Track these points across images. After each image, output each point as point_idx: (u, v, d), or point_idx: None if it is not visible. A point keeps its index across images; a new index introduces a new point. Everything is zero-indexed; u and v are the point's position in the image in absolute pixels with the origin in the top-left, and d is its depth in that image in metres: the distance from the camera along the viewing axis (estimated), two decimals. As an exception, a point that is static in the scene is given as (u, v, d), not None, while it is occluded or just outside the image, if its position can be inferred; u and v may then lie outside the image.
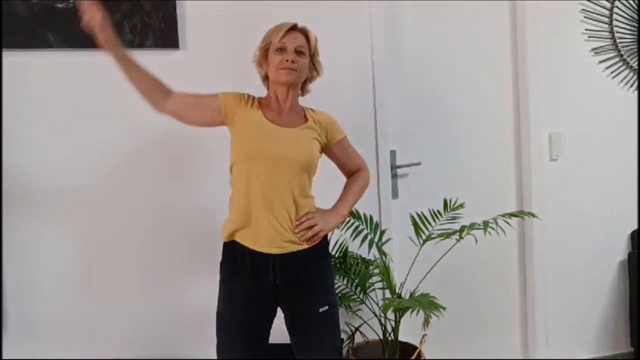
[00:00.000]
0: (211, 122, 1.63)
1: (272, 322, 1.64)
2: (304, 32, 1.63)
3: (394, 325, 2.00)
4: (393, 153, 2.36)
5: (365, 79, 2.26)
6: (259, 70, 1.68)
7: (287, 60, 1.56)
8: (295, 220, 1.58)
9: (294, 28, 1.61)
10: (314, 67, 1.67)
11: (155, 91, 1.57)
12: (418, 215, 2.04)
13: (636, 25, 2.59)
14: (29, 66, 1.93)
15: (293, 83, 1.60)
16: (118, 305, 2.03)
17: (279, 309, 1.64)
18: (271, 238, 1.54)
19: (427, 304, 1.69)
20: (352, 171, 1.77)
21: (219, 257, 1.63)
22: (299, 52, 1.59)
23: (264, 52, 1.63)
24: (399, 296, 2.01)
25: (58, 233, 1.98)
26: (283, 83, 1.59)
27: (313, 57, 1.65)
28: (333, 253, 2.05)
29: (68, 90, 1.98)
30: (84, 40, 1.99)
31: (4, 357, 1.57)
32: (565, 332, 2.63)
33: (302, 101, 1.69)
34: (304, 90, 1.68)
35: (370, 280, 2.05)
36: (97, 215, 2.01)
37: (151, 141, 2.04)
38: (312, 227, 1.60)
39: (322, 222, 1.62)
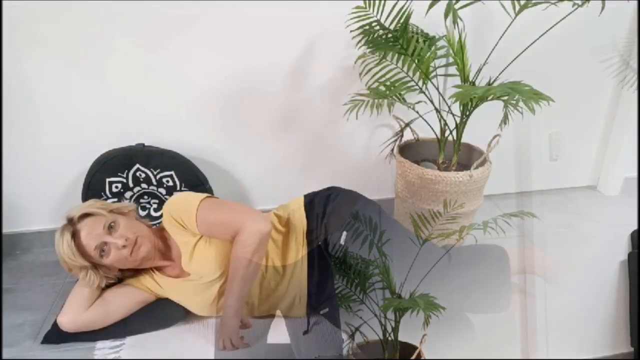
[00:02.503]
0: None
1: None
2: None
3: (394, 325, 1.99)
4: (393, 153, 2.36)
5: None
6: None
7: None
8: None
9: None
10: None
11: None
12: (418, 215, 2.03)
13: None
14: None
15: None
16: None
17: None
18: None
19: (427, 304, 1.69)
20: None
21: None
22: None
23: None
24: (399, 296, 2.00)
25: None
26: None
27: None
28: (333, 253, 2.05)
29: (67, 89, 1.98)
30: (83, 41, 2.01)
31: (4, 357, 1.58)
32: (565, 332, 2.63)
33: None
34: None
35: (370, 281, 2.05)
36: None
37: (149, 140, 2.04)
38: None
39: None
